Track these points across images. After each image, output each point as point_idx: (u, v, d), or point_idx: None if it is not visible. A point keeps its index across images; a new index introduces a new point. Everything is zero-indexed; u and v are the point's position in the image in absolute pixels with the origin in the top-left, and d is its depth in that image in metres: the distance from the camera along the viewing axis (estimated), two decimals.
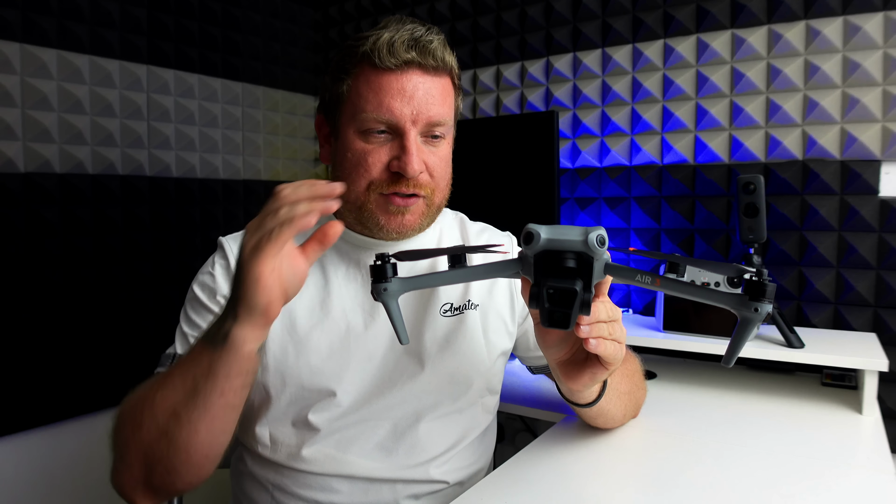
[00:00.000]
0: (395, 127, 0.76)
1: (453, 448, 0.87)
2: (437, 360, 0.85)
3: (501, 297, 0.91)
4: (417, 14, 2.02)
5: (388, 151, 0.77)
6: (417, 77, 0.77)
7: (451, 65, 0.81)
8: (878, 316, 1.36)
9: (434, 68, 0.78)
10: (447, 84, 0.81)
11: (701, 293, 0.58)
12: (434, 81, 0.78)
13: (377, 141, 0.77)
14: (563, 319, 0.57)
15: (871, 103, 1.33)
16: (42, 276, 1.57)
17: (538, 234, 0.57)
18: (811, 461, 0.87)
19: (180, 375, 0.64)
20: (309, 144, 2.30)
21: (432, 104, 0.77)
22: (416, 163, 0.75)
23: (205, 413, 0.63)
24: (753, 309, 0.54)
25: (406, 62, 0.75)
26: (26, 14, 1.52)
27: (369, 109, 0.76)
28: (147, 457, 0.66)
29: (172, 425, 0.64)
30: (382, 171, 0.77)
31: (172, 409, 0.64)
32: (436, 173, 0.80)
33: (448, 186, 0.84)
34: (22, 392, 1.52)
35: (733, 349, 0.58)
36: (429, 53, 0.76)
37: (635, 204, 1.65)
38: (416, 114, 0.76)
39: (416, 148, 0.76)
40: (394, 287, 0.63)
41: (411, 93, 0.76)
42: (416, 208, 0.79)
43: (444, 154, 0.82)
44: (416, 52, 0.75)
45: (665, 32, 1.58)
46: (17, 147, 1.51)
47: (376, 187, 0.77)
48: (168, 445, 0.64)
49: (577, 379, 0.69)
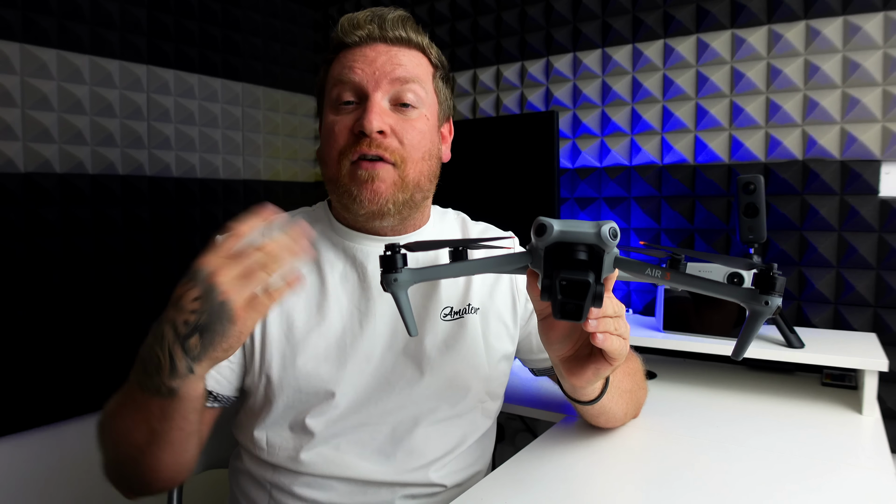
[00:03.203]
0: (359, 90, 0.79)
1: (452, 452, 0.87)
2: (437, 364, 0.84)
3: (502, 300, 0.90)
4: (417, 14, 2.02)
5: (354, 117, 0.79)
6: (382, 47, 0.80)
7: (420, 41, 0.83)
8: (878, 316, 1.36)
9: (398, 40, 0.80)
10: (418, 56, 0.82)
11: (710, 287, 0.58)
12: (401, 51, 0.80)
13: (345, 111, 0.80)
14: (575, 311, 0.57)
15: (871, 103, 1.33)
16: (42, 276, 1.57)
17: (551, 225, 0.57)
18: (811, 461, 0.87)
19: (132, 419, 0.67)
20: (309, 144, 2.30)
21: (397, 66, 0.79)
22: (376, 119, 0.76)
23: (165, 445, 0.67)
24: (764, 302, 0.55)
25: (368, 34, 0.79)
26: (26, 14, 1.52)
27: (334, 78, 0.80)
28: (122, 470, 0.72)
29: (137, 455, 0.68)
30: (348, 136, 0.78)
31: (135, 445, 0.68)
32: (405, 140, 0.79)
33: (425, 160, 0.81)
34: (22, 392, 1.52)
35: (743, 342, 0.58)
36: (389, 25, 0.80)
37: (635, 204, 1.65)
38: (379, 74, 0.78)
39: (380, 109, 0.78)
40: (404, 277, 0.63)
41: (373, 58, 0.79)
42: (385, 174, 0.78)
43: (418, 125, 0.80)
44: (376, 24, 0.79)
45: (665, 32, 1.58)
46: (17, 147, 1.51)
47: (344, 155, 0.78)
48: (136, 468, 0.70)
49: (581, 375, 0.69)
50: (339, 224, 0.85)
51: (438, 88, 0.85)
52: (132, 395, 0.66)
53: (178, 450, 0.69)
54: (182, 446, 0.69)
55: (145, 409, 0.65)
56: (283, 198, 2.18)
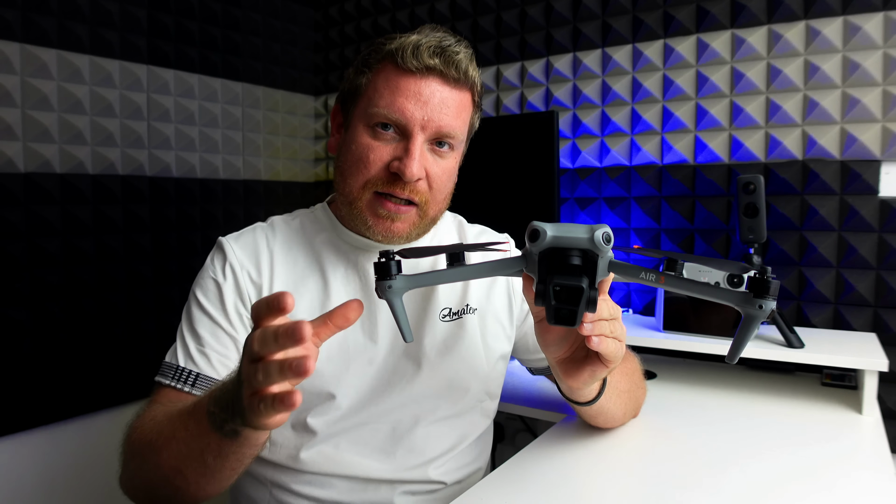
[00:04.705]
0: (403, 128, 0.76)
1: (452, 450, 0.87)
2: (436, 364, 0.84)
3: (499, 301, 0.91)
4: (417, 14, 2.02)
5: (391, 151, 0.76)
6: (436, 85, 0.76)
7: (474, 80, 0.80)
8: (878, 316, 1.36)
9: (455, 80, 0.77)
10: (466, 98, 0.80)
11: (705, 290, 0.58)
12: (452, 93, 0.77)
13: (383, 139, 0.76)
14: (569, 316, 0.57)
15: (871, 103, 1.33)
16: (42, 276, 1.57)
17: (544, 231, 0.57)
18: (811, 461, 0.87)
19: (186, 443, 0.62)
20: (309, 144, 2.30)
21: (445, 114, 0.76)
22: (417, 167, 0.74)
23: (212, 479, 0.63)
24: (758, 306, 0.55)
25: (428, 67, 0.75)
26: (26, 14, 1.51)
27: (382, 105, 0.75)
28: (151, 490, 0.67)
29: (179, 481, 0.64)
30: (382, 170, 0.76)
31: (178, 468, 0.63)
32: (435, 184, 0.79)
33: (446, 201, 0.83)
34: (22, 392, 1.52)
35: (737, 346, 0.58)
36: (452, 64, 0.75)
37: (635, 204, 1.65)
38: (428, 119, 0.75)
39: (420, 153, 0.75)
40: (398, 284, 0.63)
41: (427, 98, 0.75)
42: (408, 217, 0.78)
43: (448, 166, 0.80)
44: (440, 59, 0.75)
45: (665, 32, 1.58)
46: (17, 147, 1.51)
47: (372, 185, 0.77)
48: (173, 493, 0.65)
49: (577, 377, 0.69)
50: (343, 227, 0.85)
51: (472, 125, 0.84)
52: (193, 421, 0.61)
53: (222, 481, 0.65)
54: (228, 478, 0.65)
55: (203, 440, 0.60)
56: (283, 198, 2.18)
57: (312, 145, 2.31)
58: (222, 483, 0.65)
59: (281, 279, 0.82)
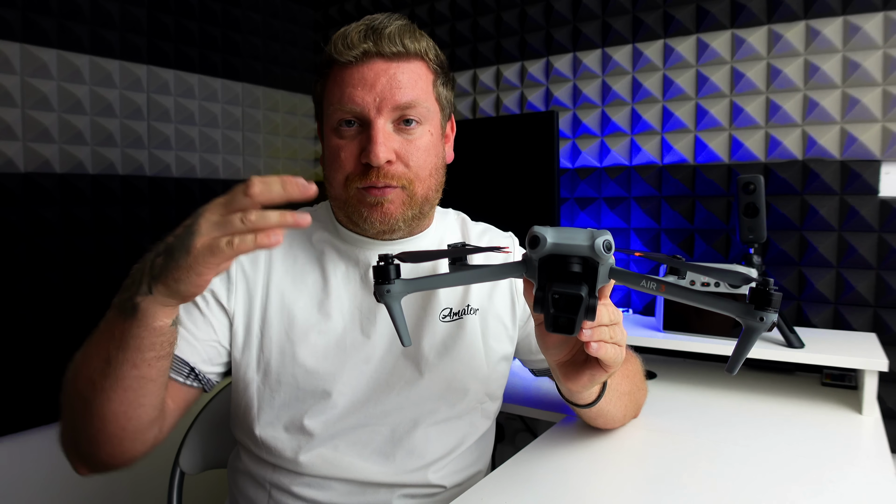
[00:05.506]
0: (361, 118, 0.76)
1: (451, 453, 0.87)
2: (436, 366, 0.84)
3: (502, 301, 0.90)
4: (417, 14, 2.02)
5: (358, 144, 0.77)
6: (379, 65, 0.76)
7: (418, 49, 0.78)
8: (878, 316, 1.36)
9: (395, 54, 0.76)
10: (417, 68, 0.79)
11: (706, 300, 0.57)
12: (400, 66, 0.77)
13: (348, 135, 0.77)
14: (567, 325, 0.57)
15: (871, 103, 1.33)
16: (42, 276, 1.57)
17: (544, 237, 0.56)
18: (811, 461, 0.87)
19: (96, 344, 0.65)
20: (309, 144, 2.30)
21: (397, 89, 0.76)
22: (382, 150, 0.74)
23: (116, 383, 0.64)
24: (759, 318, 0.54)
25: (364, 52, 0.75)
26: (26, 14, 1.52)
27: (336, 103, 0.77)
28: (73, 421, 0.69)
29: (89, 392, 0.66)
30: (355, 165, 0.77)
31: (90, 377, 0.65)
32: (412, 161, 0.78)
33: (432, 176, 0.81)
34: (22, 392, 1.52)
35: (737, 357, 0.58)
36: (385, 39, 0.75)
37: (635, 204, 1.65)
38: (380, 101, 0.75)
39: (384, 136, 0.75)
40: (397, 289, 0.62)
41: (372, 81, 0.75)
42: (395, 197, 0.78)
43: (422, 142, 0.79)
44: (371, 41, 0.75)
45: (665, 32, 1.58)
46: (17, 147, 1.51)
47: (351, 181, 0.78)
48: (85, 412, 0.67)
49: (577, 380, 0.69)
50: (343, 228, 0.85)
51: (440, 95, 0.83)
52: (99, 329, 0.66)
53: (129, 397, 0.65)
54: (134, 394, 0.65)
55: (108, 331, 0.64)
56: None
57: (312, 145, 2.31)
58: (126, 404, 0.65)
59: (279, 275, 0.82)
